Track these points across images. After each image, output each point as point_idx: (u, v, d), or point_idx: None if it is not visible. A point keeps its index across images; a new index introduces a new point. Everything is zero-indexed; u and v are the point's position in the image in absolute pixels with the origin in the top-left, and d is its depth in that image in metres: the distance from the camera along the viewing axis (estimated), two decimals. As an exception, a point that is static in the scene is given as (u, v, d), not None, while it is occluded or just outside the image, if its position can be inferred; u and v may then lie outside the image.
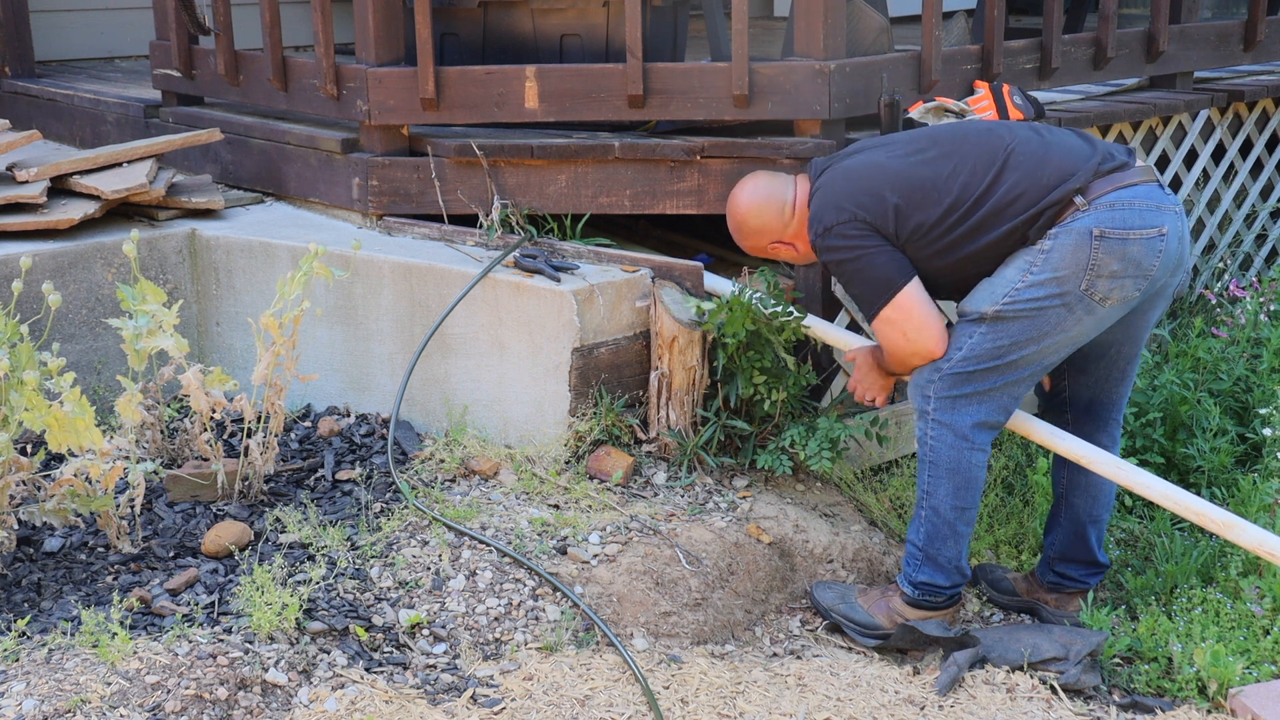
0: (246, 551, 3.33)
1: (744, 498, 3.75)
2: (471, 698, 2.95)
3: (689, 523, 3.57)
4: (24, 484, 3.34)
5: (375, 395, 4.09)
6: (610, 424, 3.78)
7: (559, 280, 3.75)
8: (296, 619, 3.03)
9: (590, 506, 3.57)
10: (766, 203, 3.46)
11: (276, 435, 3.59)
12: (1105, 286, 3.19)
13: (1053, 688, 3.27)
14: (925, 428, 3.37)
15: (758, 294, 3.72)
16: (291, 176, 4.53)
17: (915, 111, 4.11)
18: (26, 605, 3.11)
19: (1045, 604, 3.72)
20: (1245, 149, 5.36)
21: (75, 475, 3.22)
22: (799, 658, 3.36)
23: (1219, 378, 4.48)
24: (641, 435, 3.85)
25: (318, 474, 3.73)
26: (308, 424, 4.03)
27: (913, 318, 3.28)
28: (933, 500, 3.39)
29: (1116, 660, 3.47)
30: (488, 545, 3.37)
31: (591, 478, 3.70)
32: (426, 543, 3.39)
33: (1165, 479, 4.36)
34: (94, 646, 2.89)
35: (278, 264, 4.14)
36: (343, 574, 3.26)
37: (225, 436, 3.91)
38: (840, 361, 4.13)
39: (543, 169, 4.11)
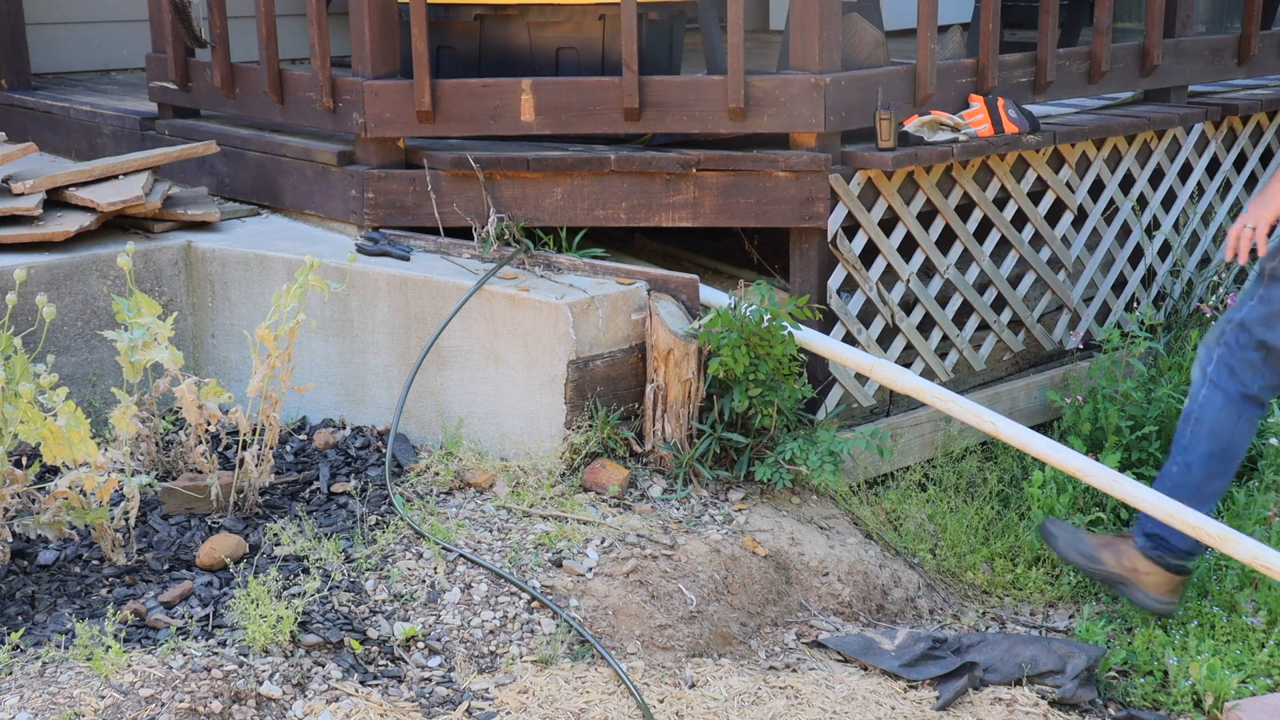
0: (241, 564, 3.33)
1: (739, 510, 3.75)
2: (466, 711, 2.94)
3: (685, 535, 3.57)
4: (19, 496, 3.33)
5: (371, 408, 4.09)
6: (606, 437, 3.78)
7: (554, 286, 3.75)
8: (291, 632, 3.02)
9: (586, 519, 3.56)
10: None
11: (272, 448, 3.59)
12: None
13: (1051, 702, 3.27)
14: (1200, 386, 3.49)
15: (752, 306, 3.72)
16: (287, 189, 4.53)
17: (911, 125, 4.12)
18: (20, 618, 3.10)
19: (1140, 582, 3.67)
20: (1239, 163, 5.37)
21: (70, 488, 3.22)
22: (794, 670, 3.36)
23: (1214, 391, 4.48)
24: (637, 448, 3.85)
25: (313, 486, 3.73)
26: (303, 436, 4.03)
27: None
28: (1188, 457, 3.48)
29: (1112, 673, 3.47)
30: (480, 565, 3.37)
31: (587, 490, 3.70)
32: (421, 555, 3.38)
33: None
34: (88, 659, 2.88)
35: (273, 276, 4.14)
36: (337, 587, 3.25)
37: (220, 449, 3.90)
38: (835, 373, 4.13)
39: (539, 182, 4.11)
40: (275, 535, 3.44)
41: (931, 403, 3.59)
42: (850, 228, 4.10)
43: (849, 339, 4.13)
